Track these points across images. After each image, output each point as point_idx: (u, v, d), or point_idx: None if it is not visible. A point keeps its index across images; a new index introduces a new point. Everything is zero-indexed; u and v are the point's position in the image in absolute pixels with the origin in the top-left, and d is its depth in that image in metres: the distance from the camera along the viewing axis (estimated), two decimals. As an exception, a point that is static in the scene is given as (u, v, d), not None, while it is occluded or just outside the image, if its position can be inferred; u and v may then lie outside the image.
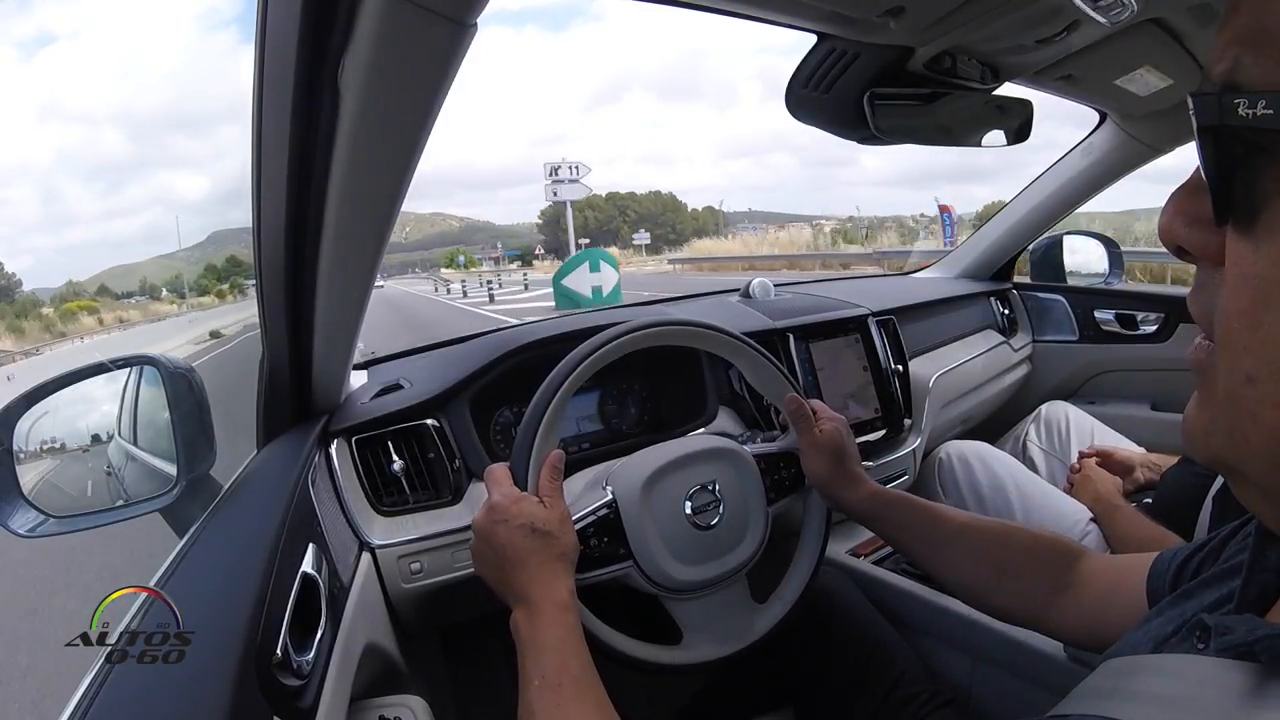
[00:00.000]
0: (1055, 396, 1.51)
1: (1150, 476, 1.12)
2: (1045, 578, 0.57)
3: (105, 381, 0.65)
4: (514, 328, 1.10)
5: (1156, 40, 0.84)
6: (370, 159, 0.45)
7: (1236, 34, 0.22)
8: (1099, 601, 0.53)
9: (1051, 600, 0.56)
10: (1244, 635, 0.25)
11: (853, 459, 0.70)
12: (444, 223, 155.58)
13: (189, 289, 78.31)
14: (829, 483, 0.70)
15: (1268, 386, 0.22)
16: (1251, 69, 0.21)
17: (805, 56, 0.72)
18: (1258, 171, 0.21)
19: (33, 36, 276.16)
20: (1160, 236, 0.26)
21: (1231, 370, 0.23)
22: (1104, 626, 0.52)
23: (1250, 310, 0.22)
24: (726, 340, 0.72)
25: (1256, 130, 0.21)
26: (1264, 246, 0.21)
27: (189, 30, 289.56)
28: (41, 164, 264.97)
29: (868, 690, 0.74)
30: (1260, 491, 0.25)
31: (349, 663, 0.58)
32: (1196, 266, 0.25)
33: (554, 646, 0.50)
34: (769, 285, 1.30)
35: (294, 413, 0.77)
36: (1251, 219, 0.22)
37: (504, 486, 0.59)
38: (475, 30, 0.37)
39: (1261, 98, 0.20)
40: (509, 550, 0.55)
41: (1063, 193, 1.44)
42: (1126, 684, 0.30)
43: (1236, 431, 0.24)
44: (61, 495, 0.62)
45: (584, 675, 0.50)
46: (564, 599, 0.53)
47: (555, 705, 0.48)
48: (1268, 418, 0.22)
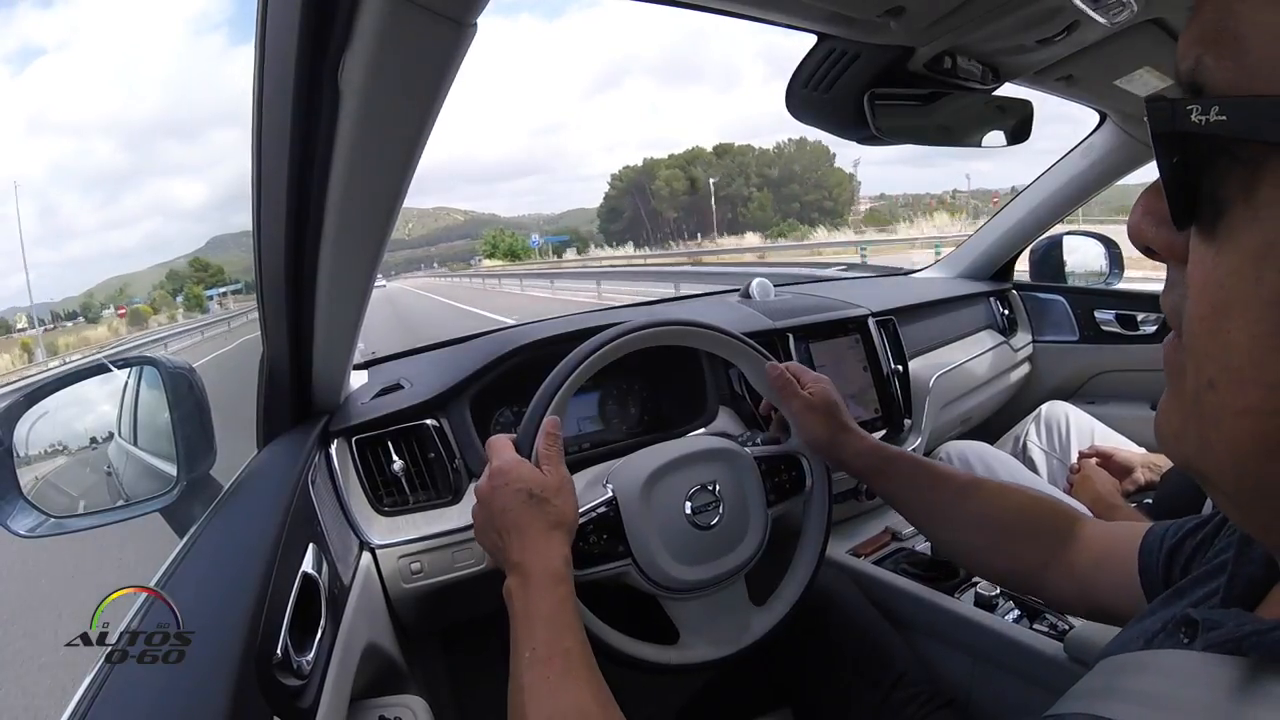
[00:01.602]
0: (1055, 396, 1.50)
1: (1150, 477, 1.12)
2: (1043, 540, 0.57)
3: (105, 381, 0.65)
4: (514, 328, 1.11)
5: (1156, 40, 0.84)
6: (370, 158, 0.45)
7: (1199, 33, 0.21)
8: (1090, 566, 0.53)
9: (1047, 562, 0.56)
10: (1231, 630, 0.25)
11: (846, 414, 0.70)
12: (448, 217, 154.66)
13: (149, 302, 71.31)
14: (829, 443, 0.69)
15: (1226, 394, 0.22)
16: (1213, 70, 0.21)
17: (805, 57, 0.72)
18: (1219, 177, 0.21)
19: (16, 50, 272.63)
20: (1129, 235, 0.26)
21: (1197, 374, 0.23)
22: (1093, 590, 0.52)
23: (1210, 317, 0.22)
24: (726, 340, 0.72)
25: (1212, 137, 0.20)
26: (1224, 252, 0.21)
27: (179, 34, 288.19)
28: (37, 177, 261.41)
29: (868, 690, 0.74)
30: (1231, 501, 0.24)
31: (349, 663, 0.58)
32: (1167, 265, 0.25)
33: (546, 618, 0.49)
34: (769, 285, 1.30)
35: (294, 413, 0.77)
36: (1213, 223, 0.21)
37: (505, 453, 0.59)
38: (475, 30, 0.37)
39: (1215, 104, 0.20)
40: (507, 515, 0.54)
41: (1063, 193, 1.44)
42: (1118, 682, 0.30)
43: (1204, 437, 0.24)
44: (61, 495, 0.62)
45: (577, 649, 0.49)
46: (559, 568, 0.52)
47: (545, 680, 0.46)
48: (1228, 426, 0.22)
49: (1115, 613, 0.51)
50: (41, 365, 23.46)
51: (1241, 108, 0.20)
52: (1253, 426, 0.21)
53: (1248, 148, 0.20)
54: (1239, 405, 0.22)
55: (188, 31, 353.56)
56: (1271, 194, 0.20)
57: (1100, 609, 0.53)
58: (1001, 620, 0.82)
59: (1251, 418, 0.21)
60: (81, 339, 39.79)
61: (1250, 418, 0.21)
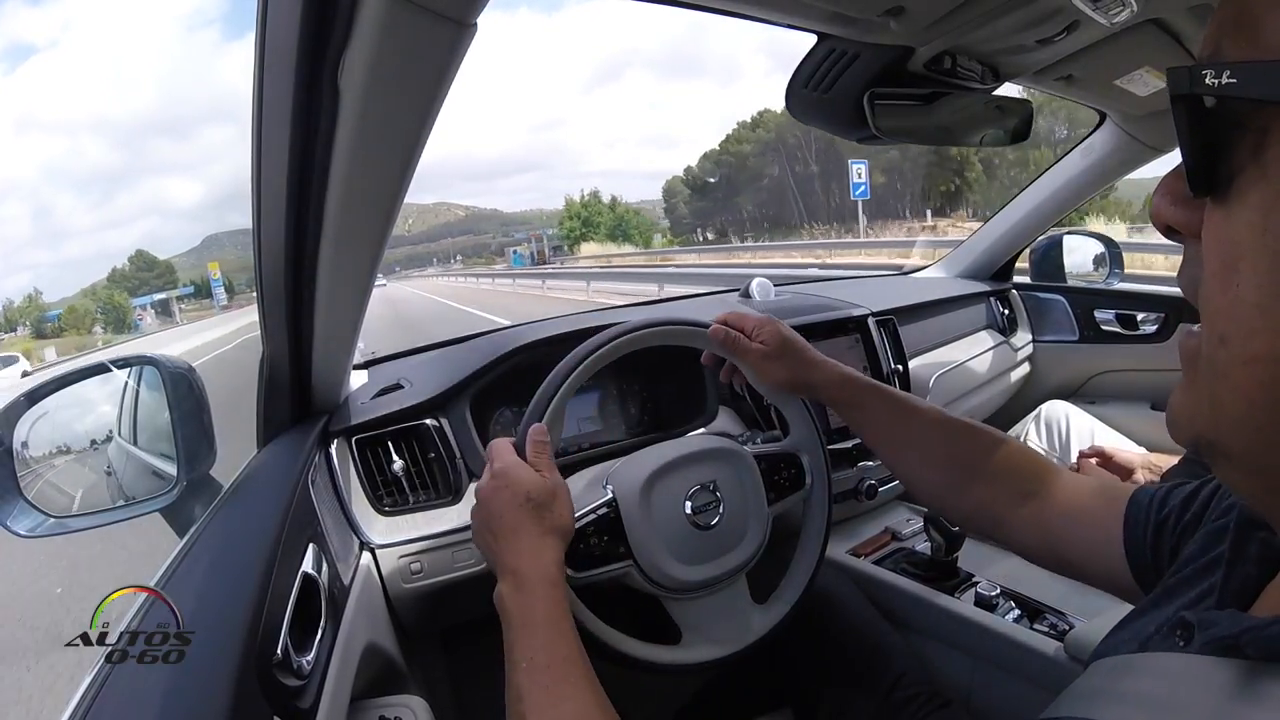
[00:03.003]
0: (1055, 396, 1.51)
1: (1150, 478, 1.12)
2: (1012, 483, 0.56)
3: (105, 381, 0.65)
4: (513, 328, 1.11)
5: (1156, 40, 0.84)
6: (370, 158, 0.45)
7: (1220, 22, 0.23)
8: (1062, 519, 0.52)
9: (1013, 508, 0.55)
10: (1227, 629, 0.25)
11: (805, 347, 0.68)
12: (449, 212, 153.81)
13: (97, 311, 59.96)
14: (796, 381, 0.68)
15: (1236, 345, 0.23)
16: (1229, 51, 0.22)
17: (805, 57, 0.72)
18: (1231, 145, 0.22)
19: (7, 48, 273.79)
20: (1151, 217, 0.27)
21: (1209, 335, 0.24)
22: (1063, 545, 0.51)
23: (1220, 271, 0.23)
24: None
25: (1225, 100, 0.22)
26: (1235, 211, 0.22)
27: (171, 31, 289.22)
28: (29, 178, 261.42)
29: (868, 690, 0.74)
30: (1240, 468, 0.25)
31: (349, 663, 0.58)
32: (1184, 245, 0.26)
33: (542, 624, 0.49)
34: (769, 285, 1.30)
35: (294, 413, 0.77)
36: (1226, 190, 0.23)
37: (506, 456, 0.58)
38: (475, 30, 0.37)
39: (1227, 68, 0.21)
40: (504, 519, 0.54)
41: (1063, 193, 1.44)
42: (1114, 684, 0.30)
43: (1214, 399, 0.24)
44: (61, 495, 0.62)
45: (573, 655, 0.48)
46: (553, 574, 0.52)
47: (544, 687, 0.46)
48: (1238, 377, 0.23)
49: (1081, 570, 0.50)
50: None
51: (1250, 71, 0.21)
52: (1262, 374, 0.22)
53: (1257, 116, 0.21)
54: (1248, 353, 0.22)
55: (180, 28, 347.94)
56: (1279, 152, 0.21)
57: (1067, 564, 0.52)
58: (1001, 620, 0.82)
59: (1261, 365, 0.22)
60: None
61: (1259, 365, 0.22)
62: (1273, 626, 0.24)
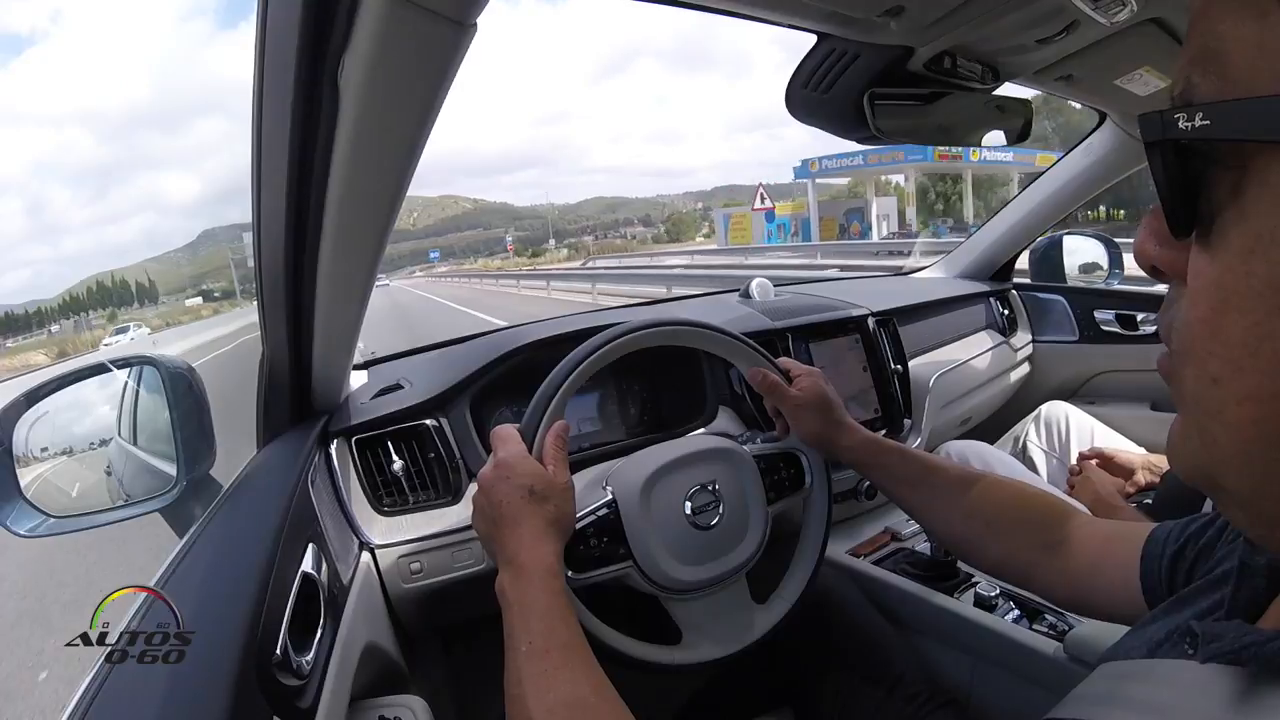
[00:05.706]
0: (1055, 396, 1.50)
1: (1151, 478, 1.12)
2: (1033, 535, 0.57)
3: (105, 382, 0.65)
4: (513, 328, 1.11)
5: (1156, 40, 0.84)
6: (370, 158, 0.45)
7: (1189, 57, 0.23)
8: (1086, 567, 0.53)
9: (1039, 558, 0.56)
10: (1232, 642, 0.26)
11: (838, 408, 0.71)
12: (455, 205, 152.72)
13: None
14: (822, 437, 0.70)
15: (1231, 385, 0.23)
16: (1199, 86, 0.22)
17: (805, 57, 0.72)
18: (1210, 185, 0.22)
19: None
20: (1134, 256, 0.27)
21: (1198, 376, 0.24)
22: (1090, 593, 0.53)
23: (1209, 317, 0.23)
24: (726, 341, 0.72)
25: (1200, 142, 0.22)
26: (1219, 254, 0.22)
27: (163, 22, 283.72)
28: (19, 174, 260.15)
29: (868, 690, 0.74)
30: (1237, 502, 0.25)
31: (349, 663, 0.58)
32: (1169, 286, 0.26)
33: (541, 611, 0.49)
34: (769, 286, 1.30)
35: (294, 413, 0.77)
36: (1208, 230, 0.22)
37: (511, 445, 0.58)
38: (475, 30, 0.37)
39: (1199, 110, 0.21)
40: (505, 508, 0.54)
41: (1063, 193, 1.44)
42: (1119, 689, 0.30)
43: (1207, 435, 0.24)
44: (61, 495, 0.62)
45: (573, 641, 0.49)
46: (552, 565, 0.52)
47: (543, 672, 0.46)
48: (1232, 415, 0.23)
49: (1110, 613, 0.52)
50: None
51: (1222, 111, 0.21)
52: (1254, 412, 0.22)
53: (1234, 154, 0.21)
54: (1240, 393, 0.22)
55: (172, 18, 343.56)
56: (1257, 192, 0.21)
57: (1094, 608, 0.54)
58: (1001, 620, 0.82)
59: (1253, 403, 0.22)
60: None
61: (1251, 403, 0.22)
62: (1274, 642, 0.24)
